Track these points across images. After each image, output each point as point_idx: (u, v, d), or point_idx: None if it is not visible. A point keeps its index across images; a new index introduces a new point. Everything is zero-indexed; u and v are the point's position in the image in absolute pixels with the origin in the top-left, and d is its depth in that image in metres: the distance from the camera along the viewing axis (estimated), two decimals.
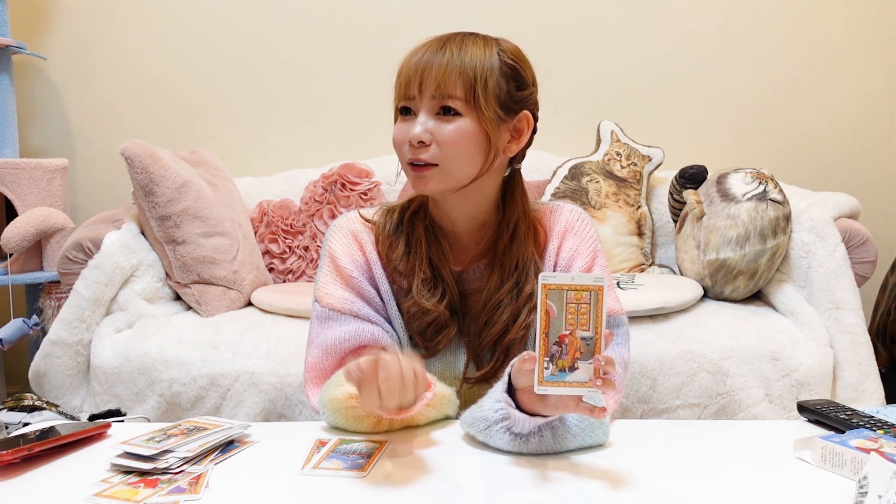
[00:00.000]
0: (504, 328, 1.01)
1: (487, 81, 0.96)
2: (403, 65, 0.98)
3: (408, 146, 0.97)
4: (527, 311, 1.01)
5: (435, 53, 0.96)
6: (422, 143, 0.96)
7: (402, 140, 0.98)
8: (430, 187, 0.98)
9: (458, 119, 0.96)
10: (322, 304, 1.03)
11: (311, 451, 0.86)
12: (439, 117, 0.96)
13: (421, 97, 0.96)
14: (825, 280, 1.77)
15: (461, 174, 0.98)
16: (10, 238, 2.06)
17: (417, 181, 0.98)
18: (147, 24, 2.57)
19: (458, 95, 0.95)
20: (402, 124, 0.99)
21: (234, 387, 1.67)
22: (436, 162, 0.96)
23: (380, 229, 1.06)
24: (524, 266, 1.03)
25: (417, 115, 0.97)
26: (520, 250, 1.03)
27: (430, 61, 0.96)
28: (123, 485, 0.77)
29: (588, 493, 0.75)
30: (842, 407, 0.96)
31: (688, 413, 1.66)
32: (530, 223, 1.06)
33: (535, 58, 1.04)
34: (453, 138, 0.96)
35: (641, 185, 2.26)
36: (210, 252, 1.91)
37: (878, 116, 2.57)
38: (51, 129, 2.61)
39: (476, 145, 0.97)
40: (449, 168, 0.97)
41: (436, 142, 0.96)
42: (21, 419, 1.41)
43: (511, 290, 1.02)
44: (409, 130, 0.97)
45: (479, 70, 0.95)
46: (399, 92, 0.99)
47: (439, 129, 0.96)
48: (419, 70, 0.96)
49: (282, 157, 2.57)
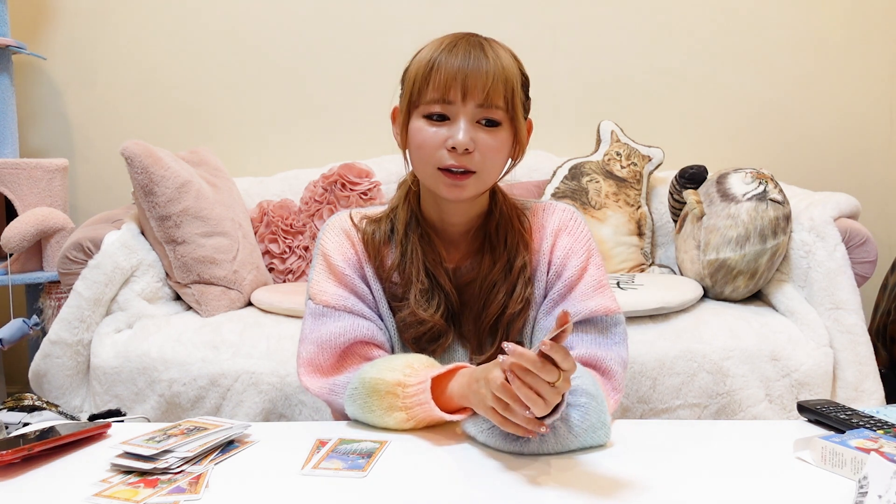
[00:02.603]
0: (502, 306, 1.02)
1: (518, 90, 0.98)
2: (438, 63, 0.94)
3: (446, 152, 0.95)
4: (522, 285, 1.03)
5: (478, 58, 0.94)
6: (467, 150, 0.95)
7: (436, 144, 0.96)
8: (466, 194, 0.98)
9: (499, 129, 0.97)
10: (316, 302, 1.03)
11: (311, 451, 0.86)
12: (480, 126, 0.96)
13: (464, 104, 0.95)
14: (825, 280, 1.77)
15: (492, 180, 1.01)
16: (10, 238, 2.06)
17: (453, 188, 0.97)
18: (147, 25, 2.57)
19: (500, 105, 0.96)
20: (433, 128, 0.96)
21: (234, 387, 1.67)
22: (475, 169, 0.96)
23: (368, 238, 1.05)
24: (513, 241, 1.04)
25: (454, 119, 0.95)
26: (507, 228, 1.05)
27: (475, 66, 0.94)
28: (123, 485, 0.77)
29: (589, 493, 0.75)
30: (842, 407, 0.96)
31: (688, 413, 1.66)
32: (511, 204, 1.08)
33: (536, 59, 1.05)
34: (496, 148, 0.97)
35: (641, 185, 2.26)
36: (210, 252, 1.91)
37: (878, 116, 2.57)
38: (51, 129, 2.61)
39: (507, 152, 1.00)
40: (485, 176, 0.98)
41: (478, 150, 0.96)
42: (21, 419, 1.41)
43: (504, 267, 1.03)
44: (445, 135, 0.95)
45: (513, 79, 0.97)
46: (432, 93, 0.95)
47: (483, 138, 0.96)
48: (465, 75, 0.93)
49: (282, 157, 2.57)
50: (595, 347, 1.00)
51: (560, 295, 1.03)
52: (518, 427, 0.80)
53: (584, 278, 1.03)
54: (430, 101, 0.96)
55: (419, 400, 0.90)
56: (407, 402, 0.91)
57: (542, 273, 1.05)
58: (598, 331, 1.01)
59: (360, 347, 1.01)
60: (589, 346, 1.00)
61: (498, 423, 0.82)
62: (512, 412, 0.79)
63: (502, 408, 0.80)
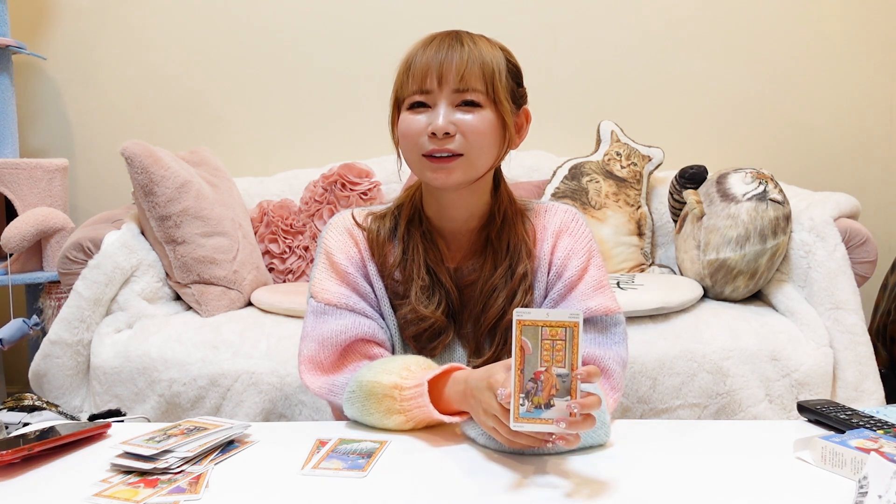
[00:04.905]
0: (501, 311, 1.02)
1: (502, 76, 0.99)
2: (415, 59, 0.98)
3: (426, 137, 0.97)
4: (522, 292, 1.02)
5: (452, 48, 0.97)
6: (447, 133, 0.96)
7: (417, 131, 0.98)
8: (453, 178, 0.98)
9: (480, 110, 0.98)
10: (318, 300, 1.03)
11: (311, 451, 0.86)
12: (460, 108, 0.97)
13: (441, 90, 0.97)
14: (825, 280, 1.77)
15: (482, 164, 1.00)
16: (10, 238, 2.06)
17: (439, 173, 0.98)
18: (147, 24, 2.57)
19: (479, 88, 0.97)
20: (415, 116, 0.98)
21: (234, 387, 1.67)
22: (461, 152, 0.97)
23: (372, 235, 1.06)
24: (516, 247, 1.04)
25: (435, 107, 0.97)
26: (510, 233, 1.05)
27: (449, 55, 0.97)
28: (123, 485, 0.77)
29: (589, 493, 0.75)
30: (842, 407, 0.96)
31: (688, 413, 1.66)
32: (517, 209, 1.08)
33: (535, 57, 1.06)
34: (479, 128, 0.97)
35: (641, 185, 2.26)
36: (210, 252, 1.91)
37: (878, 116, 2.57)
38: (51, 129, 2.61)
39: (495, 136, 1.00)
40: (473, 158, 0.98)
41: (460, 132, 0.97)
42: (21, 419, 1.41)
43: (505, 272, 1.03)
44: (426, 122, 0.97)
45: (495, 64, 0.98)
46: (411, 85, 0.98)
47: (463, 119, 0.97)
48: (438, 64, 0.96)
49: (282, 157, 2.57)
50: (594, 346, 1.00)
51: (560, 295, 1.03)
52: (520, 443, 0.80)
53: (585, 278, 1.03)
54: (411, 94, 0.99)
55: (417, 403, 0.90)
56: (404, 404, 0.91)
57: (543, 273, 1.05)
58: (598, 330, 1.01)
59: (361, 345, 1.02)
60: (588, 346, 1.00)
61: (503, 441, 0.81)
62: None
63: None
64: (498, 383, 0.79)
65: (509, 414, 0.76)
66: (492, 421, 0.81)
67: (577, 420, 0.75)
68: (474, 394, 0.84)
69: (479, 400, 0.82)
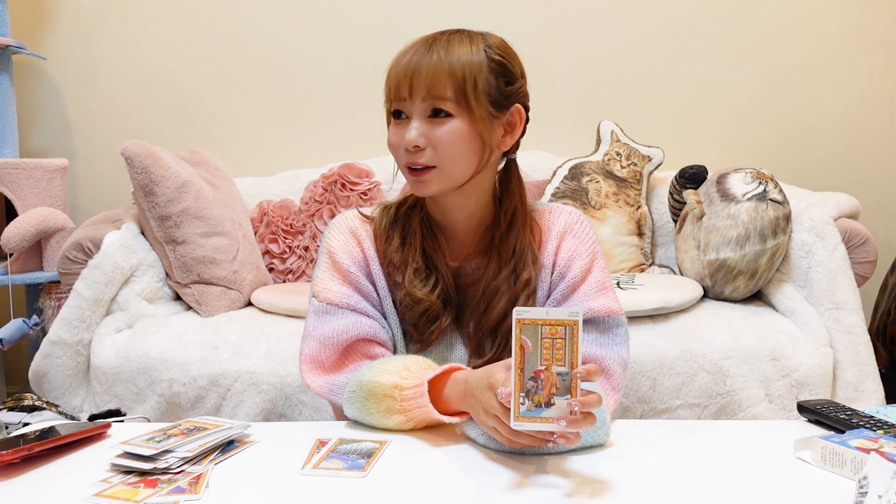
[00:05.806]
0: (503, 314, 1.02)
1: (477, 80, 0.96)
2: (392, 68, 0.99)
3: (404, 150, 0.98)
4: (524, 297, 1.02)
5: (422, 56, 0.96)
6: (417, 147, 0.97)
7: (397, 144, 0.99)
8: (429, 189, 0.99)
9: (450, 120, 0.97)
10: (320, 299, 1.04)
11: (311, 451, 0.86)
12: (431, 120, 0.97)
13: (412, 100, 0.97)
14: (825, 280, 1.77)
15: (459, 174, 0.99)
16: (10, 238, 2.06)
17: (417, 185, 1.00)
18: (147, 24, 2.57)
19: (448, 97, 0.96)
20: (396, 128, 1.00)
21: (234, 387, 1.67)
22: (433, 164, 0.98)
23: (377, 225, 1.08)
24: (521, 252, 1.04)
25: (410, 118, 0.98)
26: (517, 237, 1.04)
27: (418, 64, 0.96)
28: (123, 485, 0.77)
29: (589, 493, 0.75)
30: (842, 407, 0.96)
31: (688, 413, 1.66)
32: (527, 213, 1.07)
33: (535, 57, 1.05)
34: (447, 139, 0.97)
35: (641, 185, 2.26)
36: (210, 252, 1.91)
37: (878, 116, 2.57)
38: (51, 129, 2.61)
39: (470, 144, 0.98)
40: (447, 169, 0.98)
41: (430, 145, 0.97)
42: (21, 419, 1.41)
43: (509, 276, 1.03)
44: (403, 135, 0.98)
45: (467, 70, 0.96)
46: (389, 95, 1.00)
47: (433, 131, 0.97)
48: (408, 73, 0.96)
49: (282, 157, 2.57)
50: (595, 347, 1.00)
51: (563, 296, 1.04)
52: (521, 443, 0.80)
53: (588, 280, 1.04)
54: (389, 102, 1.00)
55: (417, 403, 0.90)
56: (404, 405, 0.91)
57: (547, 274, 1.06)
58: (600, 331, 1.01)
59: (363, 345, 1.02)
60: (589, 346, 1.00)
61: (503, 441, 0.82)
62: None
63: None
64: (498, 383, 0.79)
65: (510, 413, 0.76)
66: (492, 421, 0.81)
67: (578, 418, 0.75)
68: (474, 393, 0.84)
69: (480, 399, 0.82)
